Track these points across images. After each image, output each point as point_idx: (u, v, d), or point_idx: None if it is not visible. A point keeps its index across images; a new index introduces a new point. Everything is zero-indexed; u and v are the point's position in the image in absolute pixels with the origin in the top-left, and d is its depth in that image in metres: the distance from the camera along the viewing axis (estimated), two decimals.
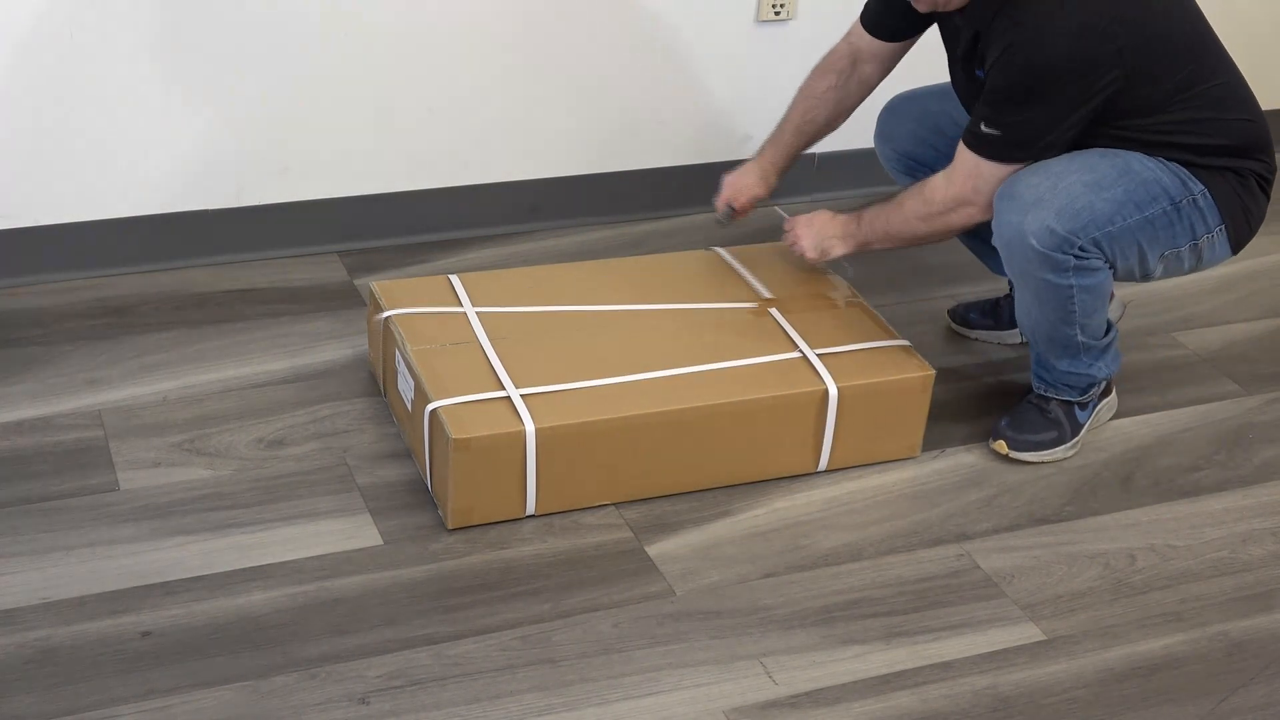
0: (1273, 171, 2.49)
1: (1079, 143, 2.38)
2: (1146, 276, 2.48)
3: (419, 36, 2.97)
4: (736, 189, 2.75)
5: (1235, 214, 2.45)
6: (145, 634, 2.09)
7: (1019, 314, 2.51)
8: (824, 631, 2.19)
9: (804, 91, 2.72)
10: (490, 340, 2.46)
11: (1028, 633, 2.22)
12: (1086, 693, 2.12)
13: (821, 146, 2.82)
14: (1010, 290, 2.82)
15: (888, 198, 2.55)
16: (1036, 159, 2.37)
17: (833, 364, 2.48)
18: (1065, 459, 2.58)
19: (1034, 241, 2.34)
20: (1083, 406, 2.60)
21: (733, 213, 2.75)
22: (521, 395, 2.33)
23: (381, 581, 2.22)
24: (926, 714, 2.06)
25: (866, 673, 2.12)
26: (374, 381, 2.66)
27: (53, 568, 2.19)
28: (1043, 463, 2.57)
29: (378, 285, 2.61)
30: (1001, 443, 2.57)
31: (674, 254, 2.89)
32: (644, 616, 2.19)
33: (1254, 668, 2.18)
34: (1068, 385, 2.57)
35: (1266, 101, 3.81)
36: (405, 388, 2.44)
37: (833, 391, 2.43)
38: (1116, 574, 2.35)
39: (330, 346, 2.77)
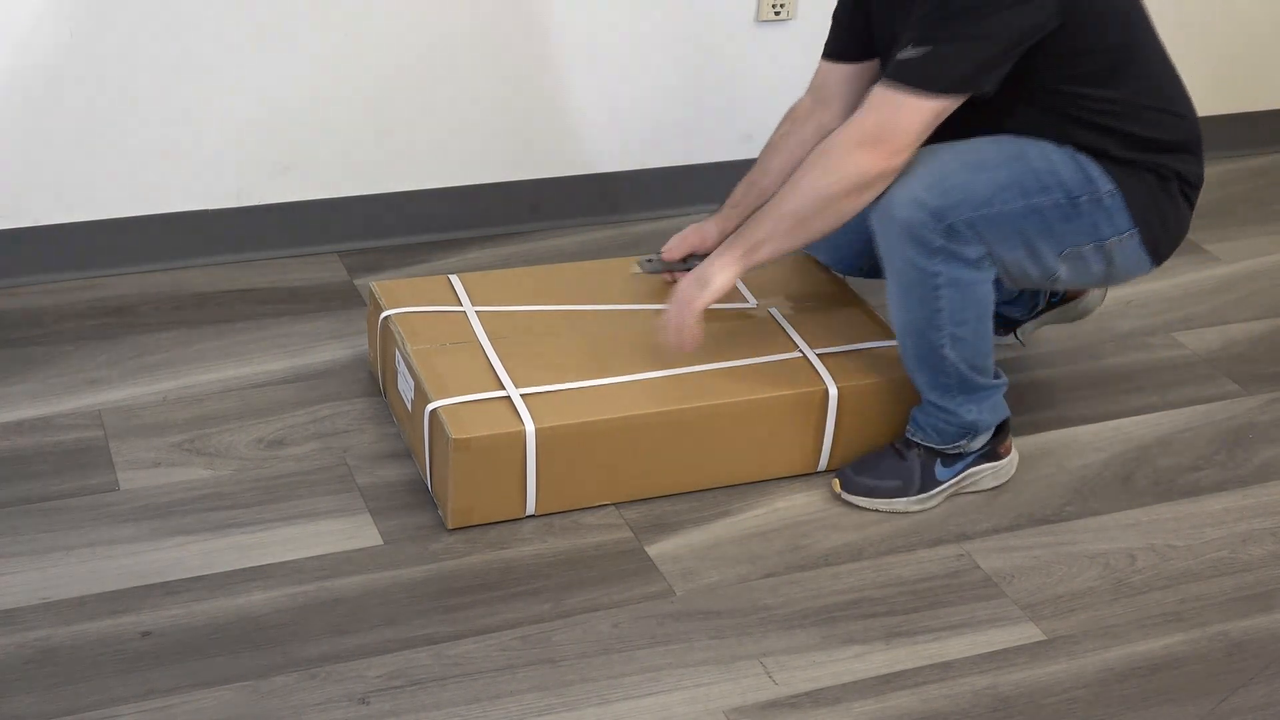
0: (1199, 179, 2.36)
1: (1004, 113, 2.25)
2: (1050, 278, 2.33)
3: (419, 36, 2.97)
4: (683, 240, 2.54)
5: (1150, 219, 2.31)
6: (145, 634, 2.09)
7: (890, 310, 2.33)
8: (824, 631, 2.19)
9: (764, 146, 2.55)
10: (490, 340, 2.46)
11: (1028, 633, 2.22)
12: (1086, 693, 2.12)
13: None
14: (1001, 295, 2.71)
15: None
16: (958, 91, 2.17)
17: (833, 364, 2.48)
18: (907, 512, 2.42)
19: (898, 212, 2.20)
20: (947, 462, 2.42)
21: (659, 262, 2.54)
22: (521, 395, 2.33)
23: (381, 581, 2.22)
24: (926, 714, 2.06)
25: (866, 673, 2.12)
26: (374, 381, 2.66)
27: (53, 568, 2.19)
28: (877, 510, 2.42)
29: (378, 285, 2.61)
30: (836, 481, 2.45)
31: None
32: (644, 616, 2.19)
33: (1254, 668, 2.18)
34: (934, 427, 2.40)
35: (1267, 101, 3.83)
36: (405, 388, 2.44)
37: (832, 391, 2.43)
38: (1116, 574, 2.35)
39: (330, 346, 2.77)
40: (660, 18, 3.13)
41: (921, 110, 2.17)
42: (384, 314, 2.53)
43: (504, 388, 2.34)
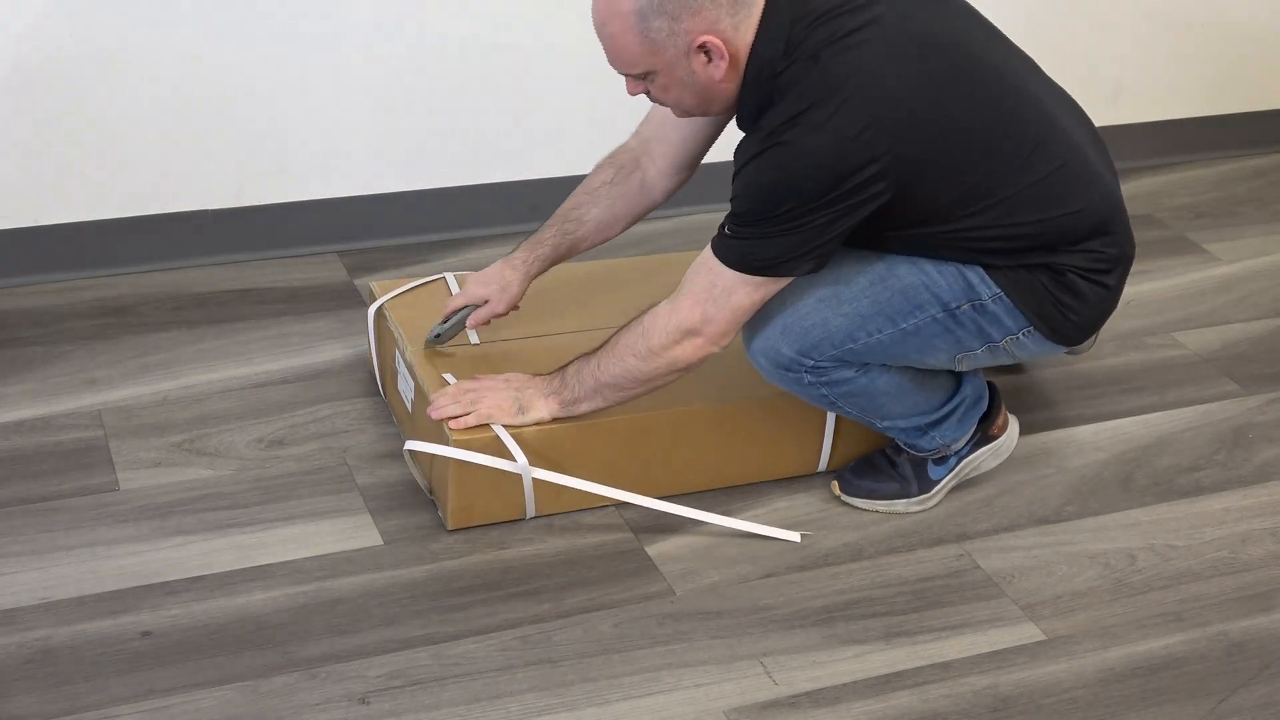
0: (1112, 260, 2.20)
1: (869, 243, 2.16)
2: (949, 368, 2.29)
3: (419, 36, 2.97)
4: (472, 299, 2.41)
5: (1047, 312, 2.19)
6: (145, 634, 2.09)
7: None
8: (824, 631, 2.19)
9: (580, 186, 2.44)
10: (489, 340, 2.46)
11: (1028, 633, 2.22)
12: (1086, 693, 2.12)
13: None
14: None
15: (599, 346, 2.24)
16: (775, 274, 2.09)
17: None
18: (909, 513, 2.43)
19: (759, 359, 2.21)
20: (938, 461, 2.42)
21: (448, 331, 2.41)
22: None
23: (381, 581, 2.22)
24: (926, 714, 2.06)
25: (866, 673, 2.12)
26: (374, 381, 2.66)
27: (53, 568, 2.19)
28: (877, 511, 2.43)
29: (377, 285, 2.61)
30: (835, 483, 2.45)
31: (674, 254, 2.89)
32: (644, 616, 2.19)
33: (1254, 668, 2.18)
34: (908, 444, 2.40)
35: (1267, 102, 3.83)
36: (405, 388, 2.44)
37: None
38: (1116, 574, 2.35)
39: (330, 346, 2.77)
40: None
41: (743, 292, 2.11)
42: (383, 314, 2.53)
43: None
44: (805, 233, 2.05)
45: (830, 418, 2.45)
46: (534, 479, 2.28)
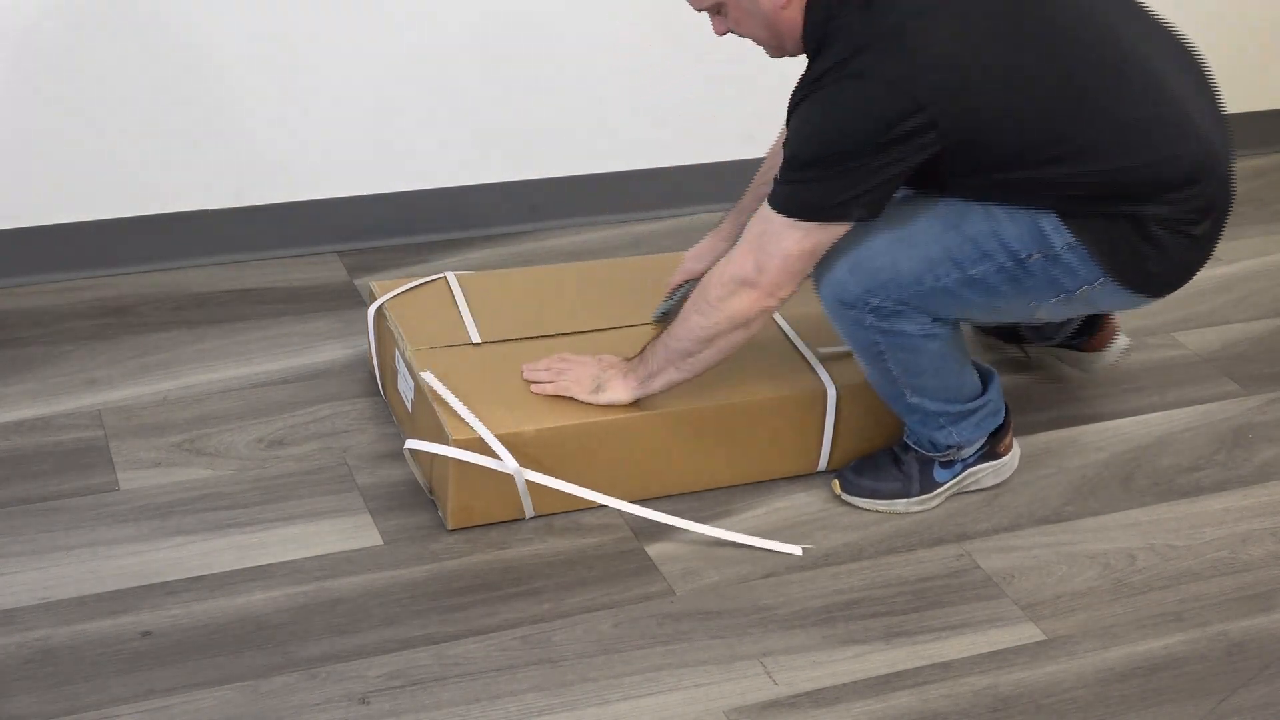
0: (1196, 213, 2.15)
1: (940, 187, 2.16)
2: (1028, 320, 2.26)
3: (419, 36, 2.97)
4: (689, 274, 2.49)
5: (1125, 264, 2.16)
6: (145, 634, 2.09)
7: None
8: (824, 631, 2.19)
9: (759, 175, 2.52)
10: (489, 340, 2.46)
11: (1028, 633, 2.22)
12: (1086, 693, 2.12)
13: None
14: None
15: None
16: (832, 219, 2.10)
17: (832, 364, 2.48)
18: (908, 513, 2.43)
19: (823, 291, 2.21)
20: (945, 465, 2.42)
21: (674, 307, 2.47)
22: (521, 395, 2.32)
23: (381, 581, 2.22)
24: (926, 714, 2.06)
25: (866, 673, 2.12)
26: (374, 381, 2.66)
27: (53, 568, 2.19)
28: (877, 511, 2.42)
29: (377, 285, 2.61)
30: (836, 482, 2.45)
31: (673, 254, 2.88)
32: (644, 616, 2.19)
33: (1254, 668, 2.18)
34: (920, 441, 2.40)
35: (1267, 101, 3.83)
36: (405, 388, 2.44)
37: (832, 392, 2.43)
38: (1116, 574, 2.35)
39: (330, 346, 2.77)
40: (660, 17, 3.13)
41: (792, 239, 2.11)
42: (383, 314, 2.53)
43: (503, 387, 2.34)
44: (850, 178, 2.06)
45: (830, 417, 2.45)
46: (526, 481, 2.28)
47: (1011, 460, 2.50)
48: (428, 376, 2.34)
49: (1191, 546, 2.42)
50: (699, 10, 2.20)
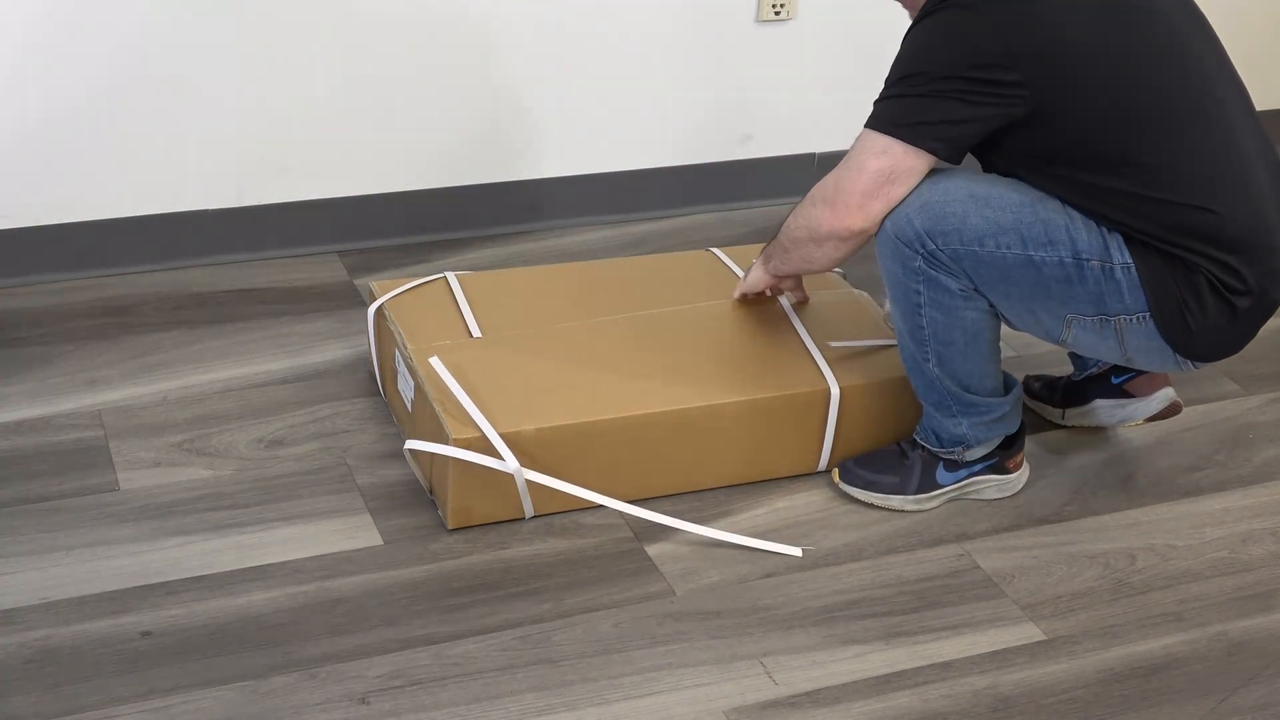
0: (1249, 283, 2.14)
1: (1013, 173, 2.20)
2: (1055, 339, 2.27)
3: (419, 36, 2.97)
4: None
5: (1166, 305, 2.15)
6: (145, 634, 2.09)
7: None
8: (824, 631, 2.19)
9: None
10: (490, 340, 2.46)
11: (1028, 633, 2.22)
12: (1086, 693, 2.12)
13: (823, 145, 2.79)
14: (1070, 374, 2.66)
15: None
16: (906, 139, 2.14)
17: (834, 363, 2.48)
18: (903, 511, 2.42)
19: (888, 225, 2.20)
20: (950, 467, 2.41)
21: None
22: (521, 395, 2.32)
23: (381, 581, 2.22)
24: (926, 714, 2.06)
25: (866, 673, 2.12)
26: (374, 381, 2.66)
27: (53, 568, 2.19)
28: (872, 505, 2.42)
29: (376, 285, 2.61)
30: (836, 471, 2.46)
31: (673, 254, 2.89)
32: (644, 616, 2.19)
33: (1254, 668, 2.18)
34: (928, 431, 2.40)
35: (1267, 101, 3.82)
36: (405, 388, 2.44)
37: (834, 391, 2.43)
38: (1116, 574, 2.35)
39: (330, 346, 2.77)
40: (660, 17, 3.13)
41: (870, 154, 2.15)
42: (383, 314, 2.53)
43: (503, 388, 2.34)
44: (933, 101, 2.11)
45: (831, 417, 2.45)
46: (526, 481, 2.28)
47: (1018, 479, 2.48)
48: (435, 362, 2.34)
49: (1191, 546, 2.42)
50: None
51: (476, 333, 2.48)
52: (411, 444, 2.31)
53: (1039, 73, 2.09)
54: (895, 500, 2.42)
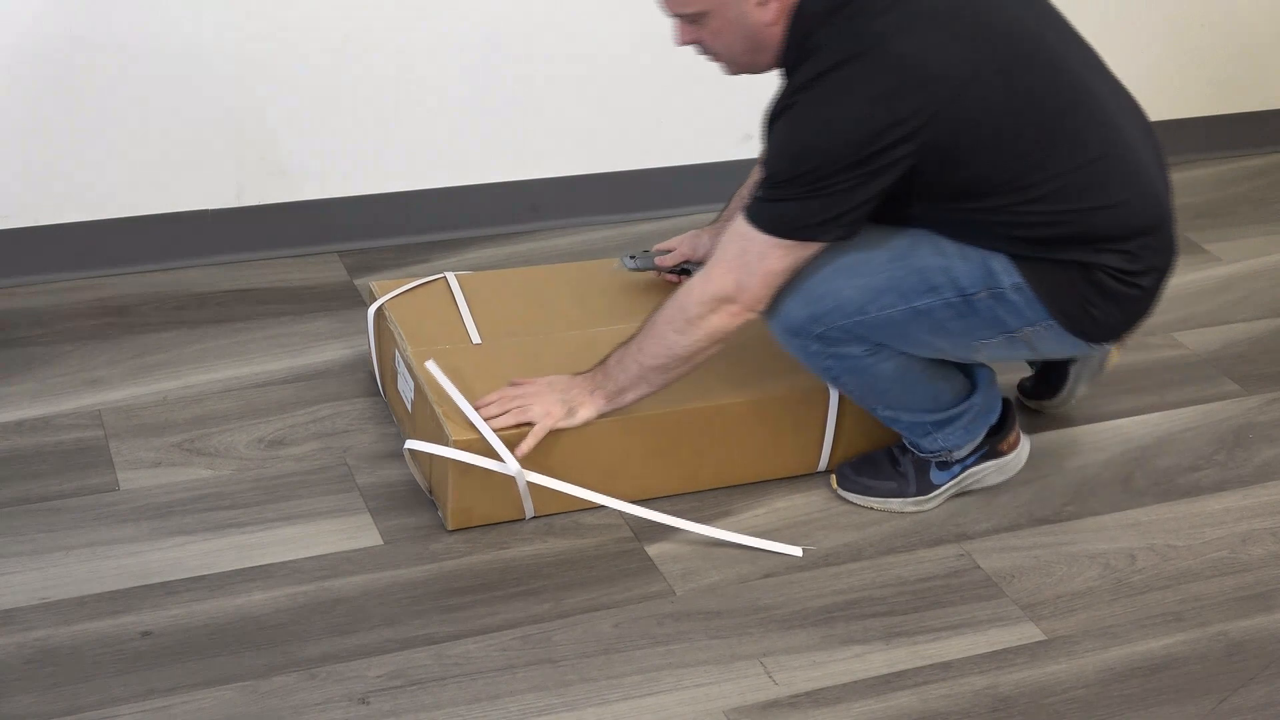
0: (1147, 266, 2.16)
1: (898, 215, 2.14)
2: (965, 360, 2.28)
3: (419, 36, 2.97)
4: (665, 245, 2.56)
5: (1070, 309, 2.16)
6: (145, 634, 2.09)
7: None
8: (824, 631, 2.19)
9: (750, 184, 2.46)
10: (490, 341, 2.46)
11: (1028, 633, 2.22)
12: (1086, 693, 2.12)
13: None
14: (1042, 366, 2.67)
15: (635, 333, 2.25)
16: (814, 238, 2.09)
17: None
18: (904, 513, 2.43)
19: (773, 323, 2.21)
20: (943, 466, 2.41)
21: (646, 258, 2.58)
22: None
23: (381, 581, 2.22)
24: (926, 714, 2.06)
25: (866, 673, 2.12)
26: (374, 381, 2.66)
27: (53, 568, 2.19)
28: (872, 509, 2.43)
29: (376, 285, 2.61)
30: (834, 477, 2.46)
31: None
32: (644, 616, 2.19)
33: (1254, 668, 2.18)
34: (914, 442, 2.39)
35: (1267, 101, 3.83)
36: (405, 388, 2.44)
37: (833, 391, 2.43)
38: (1116, 574, 2.35)
39: (330, 346, 2.77)
40: (660, 17, 3.13)
41: (774, 256, 2.10)
42: (384, 314, 2.53)
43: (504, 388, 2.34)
44: (833, 195, 2.04)
45: (831, 417, 2.45)
46: (527, 481, 2.28)
47: (1017, 458, 2.48)
48: (431, 366, 2.34)
49: (1191, 546, 2.42)
50: (674, 15, 2.16)
51: (475, 333, 2.48)
52: (411, 444, 2.31)
53: (926, 127, 2.01)
54: (895, 504, 2.43)
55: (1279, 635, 2.25)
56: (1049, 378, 2.66)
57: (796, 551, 2.32)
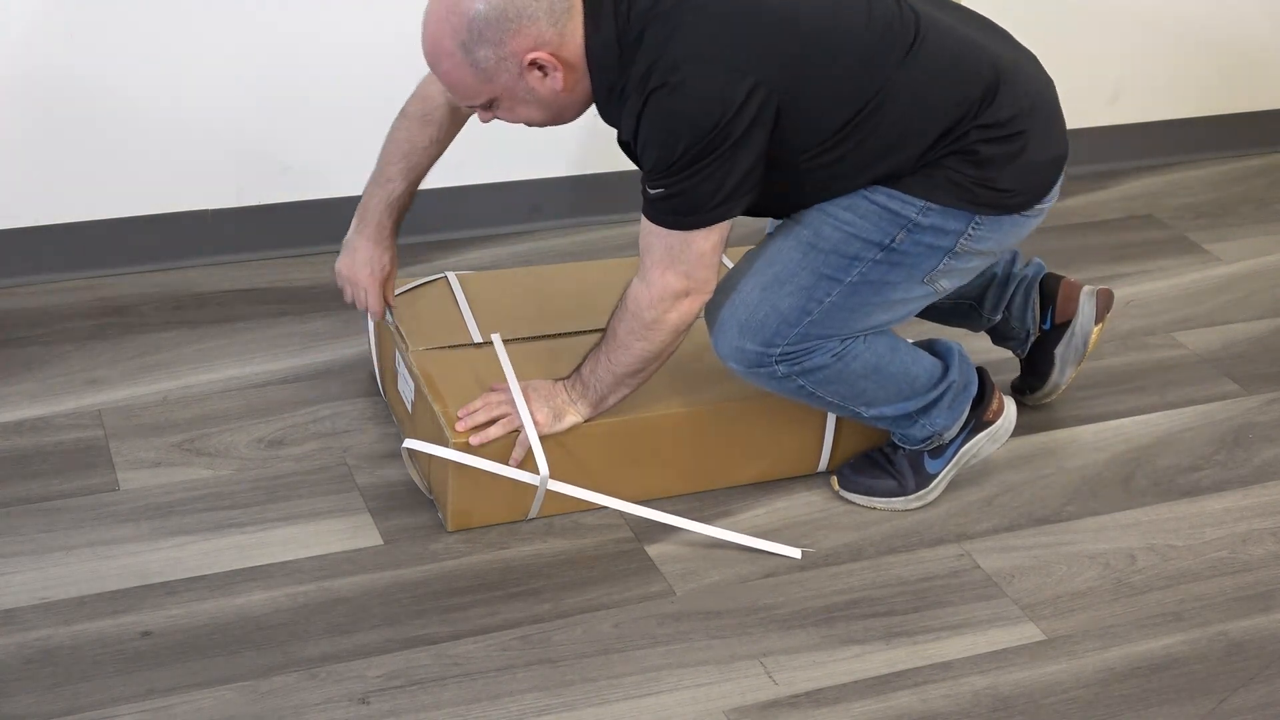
0: (1006, 117, 2.13)
1: (787, 178, 2.14)
2: (934, 299, 2.27)
3: (418, 36, 2.97)
4: (372, 278, 2.41)
5: (980, 196, 2.15)
6: (145, 634, 2.09)
7: None
8: (824, 631, 2.19)
9: (403, 144, 2.42)
10: (490, 341, 2.46)
11: (1028, 633, 2.22)
12: (1086, 693, 2.12)
13: None
14: (1017, 357, 2.68)
15: (600, 340, 2.26)
16: (723, 217, 2.09)
17: None
18: (908, 509, 2.43)
19: (729, 363, 2.22)
20: (936, 454, 2.41)
21: (390, 310, 2.47)
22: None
23: (381, 581, 2.22)
24: (926, 714, 2.06)
25: (866, 673, 2.12)
26: (374, 381, 2.66)
27: (53, 568, 2.19)
28: (875, 509, 2.43)
29: None
30: (835, 479, 2.46)
31: None
32: (644, 616, 2.19)
33: (1254, 668, 2.18)
34: (903, 435, 2.39)
35: (1267, 102, 3.83)
36: (405, 388, 2.44)
37: None
38: (1116, 574, 2.35)
39: (330, 346, 2.77)
40: None
41: (701, 238, 2.10)
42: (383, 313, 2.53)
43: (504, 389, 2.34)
44: (723, 169, 2.04)
45: (830, 417, 2.45)
46: (527, 482, 2.28)
47: (1005, 422, 2.46)
48: (496, 340, 2.36)
49: (1191, 546, 2.42)
50: (468, 109, 2.17)
51: (476, 333, 2.48)
52: (409, 443, 2.31)
53: (765, 71, 2.01)
54: (898, 502, 2.43)
55: (1279, 635, 2.25)
56: (1036, 367, 2.67)
57: (795, 553, 2.32)
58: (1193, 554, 2.40)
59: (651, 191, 2.10)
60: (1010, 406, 2.47)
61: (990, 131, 2.14)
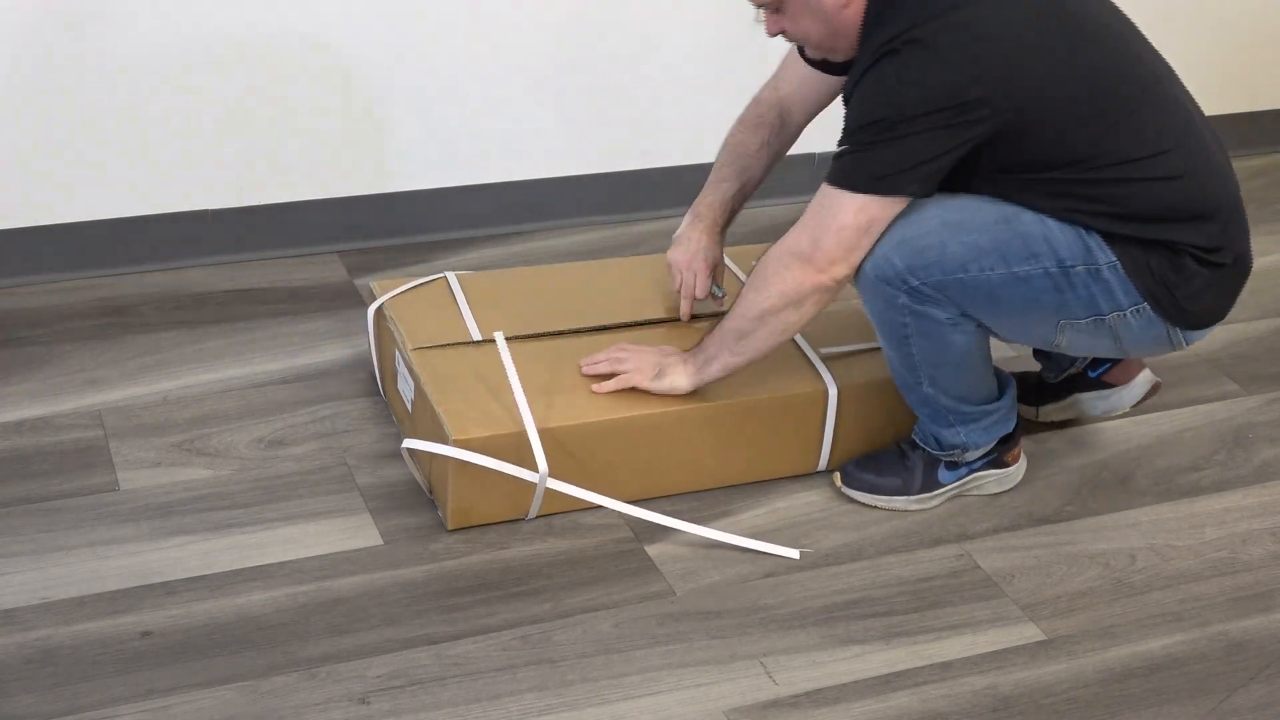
0: (1219, 240, 2.20)
1: (987, 183, 2.18)
2: (1046, 344, 2.30)
3: (419, 36, 2.97)
4: (705, 264, 2.49)
5: (1158, 291, 2.18)
6: (145, 634, 2.09)
7: None
8: (824, 631, 2.19)
9: (736, 149, 2.52)
10: (490, 340, 2.46)
11: (1028, 633, 2.22)
12: (1086, 693, 2.12)
13: (822, 145, 2.78)
14: (1041, 372, 2.66)
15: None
16: (878, 192, 2.11)
17: (833, 364, 2.48)
18: (906, 511, 2.43)
19: (867, 268, 2.18)
20: (951, 466, 2.42)
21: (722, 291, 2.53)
22: (521, 396, 2.32)
23: (381, 581, 2.22)
24: (926, 714, 2.06)
25: (866, 673, 2.12)
26: (374, 381, 2.66)
27: (53, 568, 2.19)
28: (875, 507, 2.43)
29: (376, 285, 2.61)
30: (838, 475, 2.46)
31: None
32: (644, 616, 2.19)
33: (1254, 668, 2.18)
34: (932, 435, 2.39)
35: (1267, 102, 3.83)
36: (405, 388, 2.44)
37: (832, 391, 2.43)
38: (1116, 574, 2.35)
39: (330, 346, 2.77)
40: (659, 17, 3.13)
41: (848, 211, 2.12)
42: (384, 314, 2.53)
43: (504, 388, 2.34)
44: (905, 146, 2.07)
45: (830, 418, 2.45)
46: (529, 481, 2.28)
47: (1017, 471, 2.49)
48: (498, 337, 2.39)
49: (1191, 546, 2.42)
50: (758, 5, 2.22)
51: (476, 333, 2.48)
52: (408, 443, 2.31)
53: (1000, 92, 2.06)
54: (899, 501, 2.43)
55: (1279, 635, 2.25)
56: (1050, 391, 2.65)
57: (794, 554, 2.32)
58: (1193, 554, 2.40)
59: (836, 149, 2.13)
60: (1024, 462, 2.50)
61: (1205, 249, 2.19)
